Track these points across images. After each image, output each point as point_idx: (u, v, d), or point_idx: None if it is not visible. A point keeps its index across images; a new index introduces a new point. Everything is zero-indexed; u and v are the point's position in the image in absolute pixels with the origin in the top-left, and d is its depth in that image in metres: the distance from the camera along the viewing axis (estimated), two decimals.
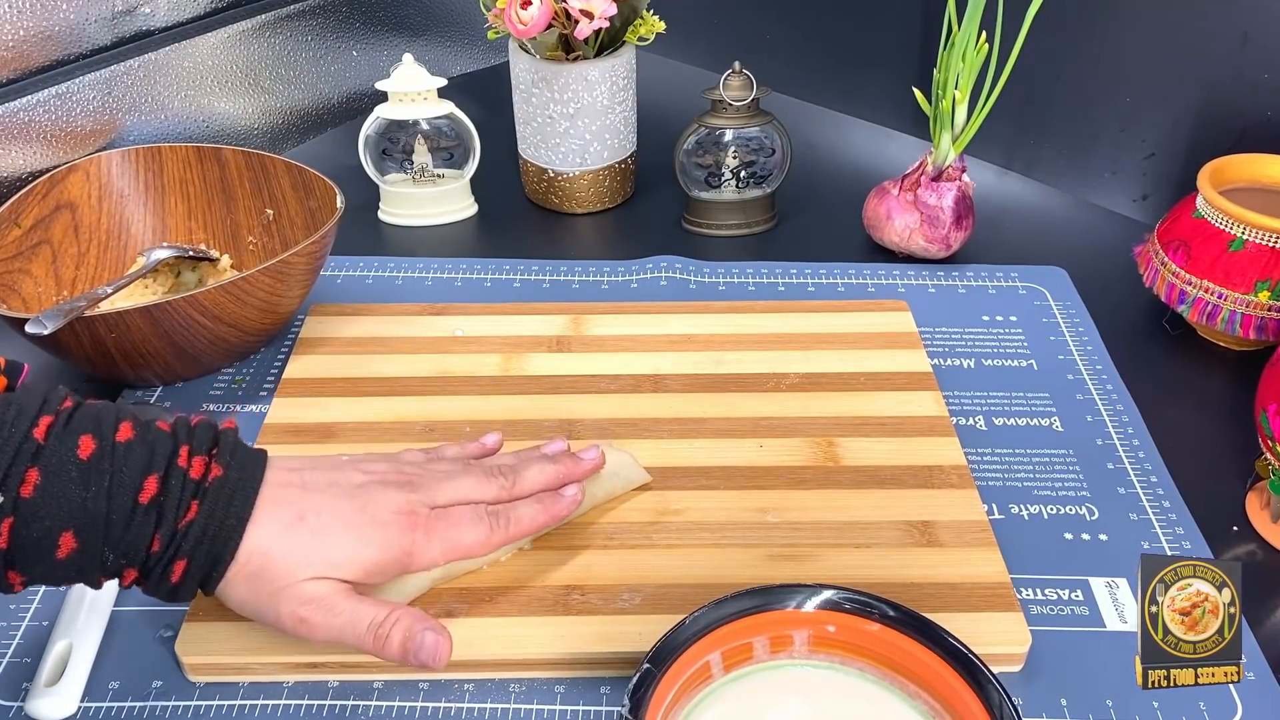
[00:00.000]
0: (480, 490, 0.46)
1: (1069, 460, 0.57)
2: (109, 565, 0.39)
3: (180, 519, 0.39)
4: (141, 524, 0.38)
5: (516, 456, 0.50)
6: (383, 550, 0.42)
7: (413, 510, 0.43)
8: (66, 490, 0.37)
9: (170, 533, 0.39)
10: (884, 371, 0.61)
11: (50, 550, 0.37)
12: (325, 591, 0.41)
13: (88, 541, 0.38)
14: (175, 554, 0.39)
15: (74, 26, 0.71)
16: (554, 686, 0.46)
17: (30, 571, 0.38)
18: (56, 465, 0.37)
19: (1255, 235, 0.59)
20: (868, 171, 0.80)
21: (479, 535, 0.45)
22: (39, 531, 0.37)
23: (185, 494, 0.39)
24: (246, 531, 0.40)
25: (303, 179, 0.68)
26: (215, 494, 0.40)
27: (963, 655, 0.40)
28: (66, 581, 0.39)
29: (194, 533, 0.39)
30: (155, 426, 0.40)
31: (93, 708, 0.44)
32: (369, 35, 0.89)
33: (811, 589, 0.43)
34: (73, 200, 0.67)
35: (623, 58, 0.75)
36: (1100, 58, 0.75)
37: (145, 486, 0.38)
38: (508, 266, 0.72)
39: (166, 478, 0.39)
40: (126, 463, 0.38)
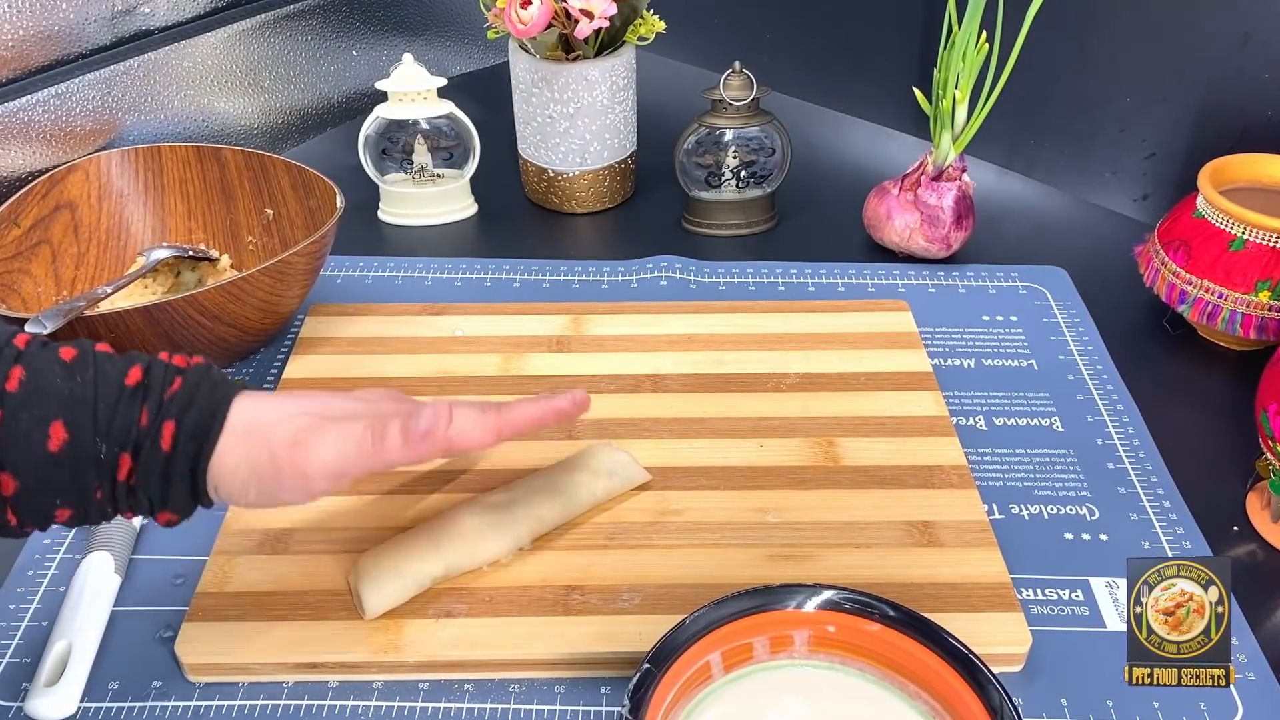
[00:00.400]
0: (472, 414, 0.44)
1: (1069, 460, 0.57)
2: (103, 459, 0.38)
3: (165, 391, 0.39)
4: (129, 405, 0.39)
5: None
6: (368, 408, 0.42)
7: (397, 397, 0.45)
8: (52, 384, 0.38)
9: (157, 403, 0.39)
10: (884, 371, 0.61)
11: (41, 442, 0.37)
12: (314, 420, 0.40)
13: (78, 430, 0.38)
14: (162, 418, 0.39)
15: (73, 26, 0.71)
16: (554, 687, 0.46)
17: (23, 472, 0.37)
18: (40, 364, 0.38)
19: (1255, 235, 0.59)
20: (868, 171, 0.80)
21: (471, 413, 0.43)
22: (27, 422, 0.37)
23: (170, 373, 0.40)
24: (234, 404, 0.40)
25: (302, 179, 0.68)
26: (198, 372, 0.41)
27: (963, 655, 0.40)
28: (63, 494, 0.38)
29: (179, 399, 0.39)
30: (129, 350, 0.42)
31: (92, 708, 0.44)
32: (369, 35, 0.89)
33: (812, 589, 0.43)
34: (72, 200, 0.67)
35: (623, 57, 0.75)
36: (1101, 57, 0.75)
37: (130, 373, 0.39)
38: (508, 266, 0.72)
39: (150, 367, 0.40)
40: (109, 361, 0.40)
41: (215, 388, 0.41)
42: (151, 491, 0.39)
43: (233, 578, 0.48)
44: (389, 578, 0.46)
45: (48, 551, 0.51)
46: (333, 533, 0.51)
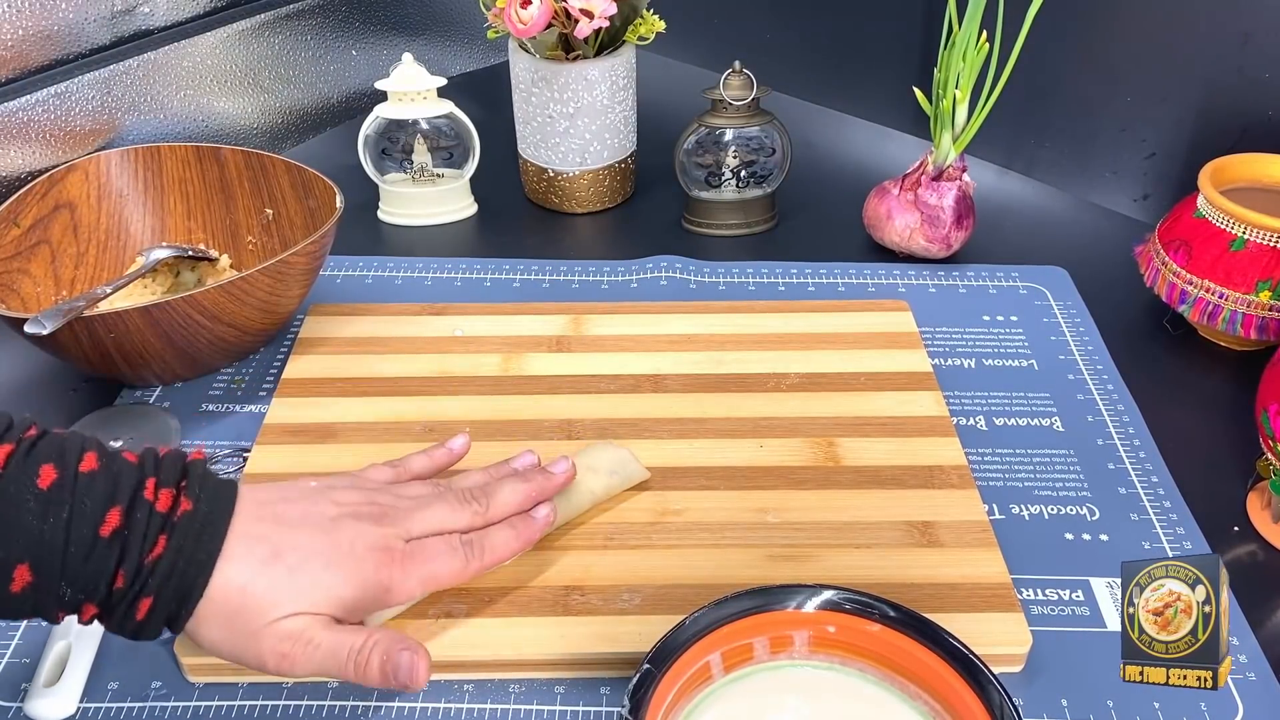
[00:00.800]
0: (453, 519, 0.45)
1: (1070, 460, 0.57)
2: (66, 600, 0.37)
3: (146, 554, 0.38)
4: (102, 558, 0.37)
5: (487, 474, 0.49)
6: (360, 587, 0.41)
7: (388, 546, 0.43)
8: (23, 520, 0.36)
9: (135, 568, 0.37)
10: (884, 371, 0.61)
11: (4, 583, 0.36)
12: (304, 625, 0.40)
13: (43, 575, 0.36)
14: (141, 590, 0.38)
15: (73, 26, 0.71)
16: (554, 687, 0.45)
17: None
18: (14, 494, 0.36)
19: (1256, 235, 0.59)
20: (868, 171, 0.80)
21: (454, 567, 0.44)
22: None
23: (151, 528, 0.38)
24: (218, 568, 0.39)
25: (302, 178, 0.68)
26: (184, 528, 0.38)
27: (963, 656, 0.40)
28: (21, 616, 0.38)
29: (161, 569, 0.38)
30: (121, 457, 0.39)
31: (92, 708, 0.44)
32: (368, 34, 0.89)
33: (812, 589, 0.43)
34: (72, 200, 0.67)
35: (623, 57, 0.74)
36: (1101, 57, 0.75)
37: (107, 519, 0.37)
38: (507, 266, 0.72)
39: (131, 510, 0.38)
40: (89, 494, 0.37)
41: (200, 542, 0.39)
42: (120, 634, 0.39)
43: None
44: None
45: None
46: None
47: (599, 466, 0.52)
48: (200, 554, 0.39)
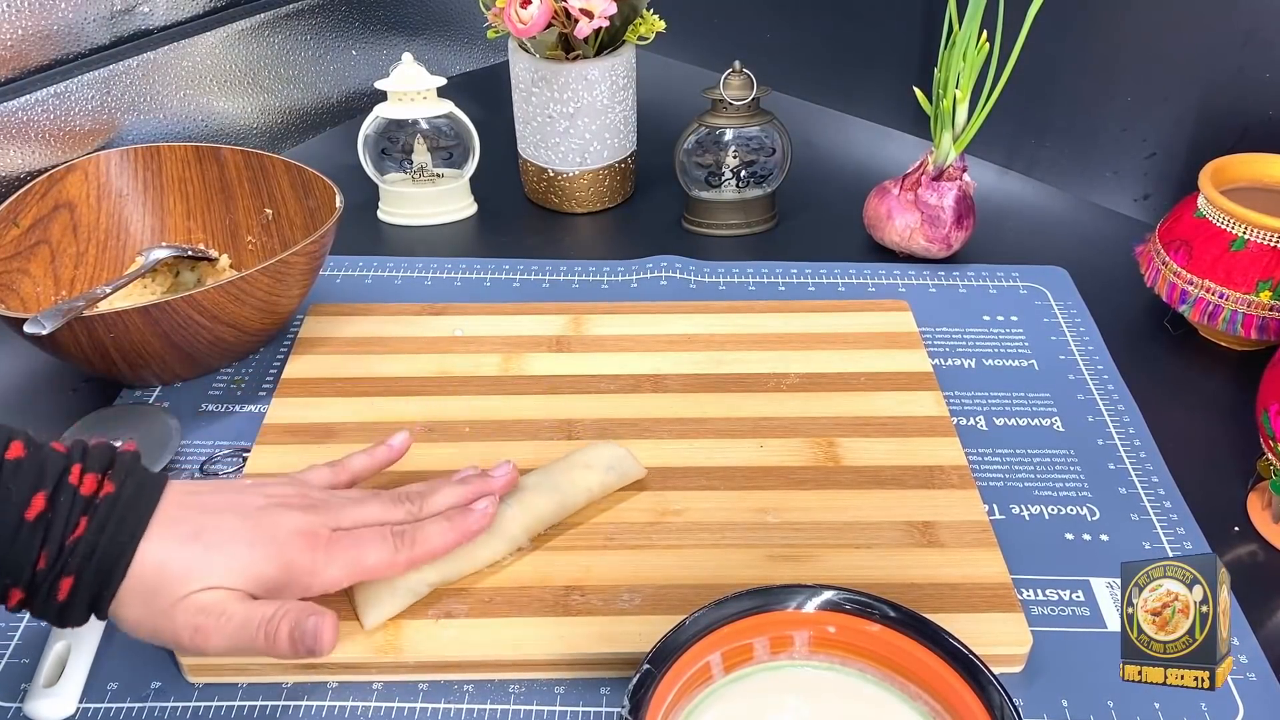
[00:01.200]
0: (385, 514, 0.46)
1: (1070, 460, 0.56)
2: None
3: (68, 535, 0.38)
4: (27, 542, 0.37)
5: (426, 484, 0.49)
6: (280, 566, 0.41)
7: (313, 531, 0.43)
8: None
9: (57, 549, 0.38)
10: (884, 371, 0.61)
11: None
12: (219, 599, 0.40)
13: None
14: (61, 570, 0.38)
15: (72, 26, 0.71)
16: (554, 687, 0.45)
17: None
18: None
19: (1256, 235, 0.59)
20: (868, 171, 0.80)
21: (383, 555, 0.44)
22: None
23: (74, 510, 0.38)
24: (139, 549, 0.39)
25: (302, 178, 0.68)
26: (106, 510, 0.39)
27: (963, 656, 0.40)
28: None
29: (82, 549, 0.38)
30: (49, 447, 0.39)
31: (91, 708, 0.44)
32: (368, 34, 0.89)
33: (812, 589, 0.42)
34: (71, 200, 0.67)
35: (622, 57, 0.74)
36: (1101, 57, 0.75)
37: (33, 503, 0.37)
38: (507, 266, 0.72)
39: (55, 494, 0.38)
40: (15, 479, 0.37)
41: (123, 524, 0.39)
42: (46, 619, 0.39)
43: None
44: (386, 591, 0.46)
45: None
46: None
47: (595, 463, 0.52)
48: (122, 535, 0.39)
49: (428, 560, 0.46)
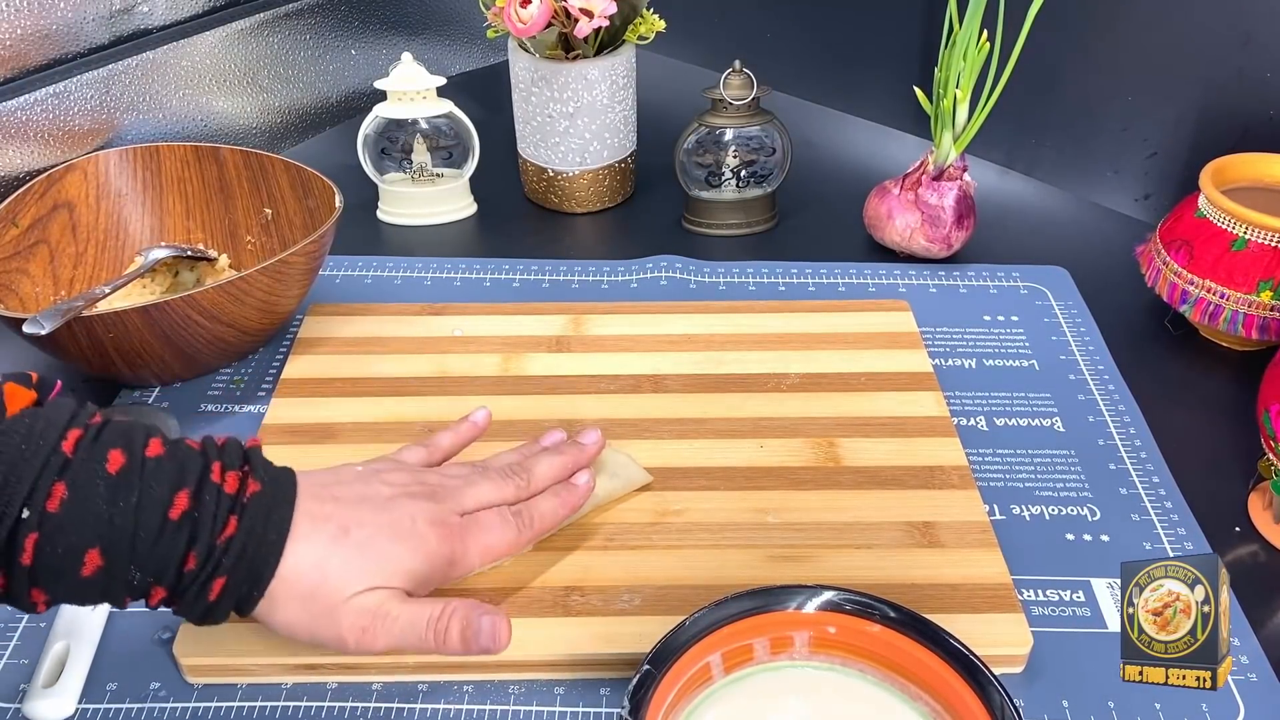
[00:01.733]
0: (500, 492, 0.47)
1: (1070, 461, 0.56)
2: (135, 584, 0.38)
3: (218, 535, 0.38)
4: (172, 541, 0.37)
5: (520, 453, 0.50)
6: (426, 560, 0.42)
7: (445, 520, 0.44)
8: (93, 505, 0.36)
9: (207, 549, 0.38)
10: (885, 371, 0.61)
11: (75, 568, 0.36)
12: (381, 600, 0.41)
13: (113, 559, 0.37)
14: (214, 571, 0.38)
15: (71, 25, 0.71)
16: (554, 688, 0.45)
17: (54, 589, 0.37)
18: (84, 480, 0.36)
19: (1257, 235, 0.59)
20: (868, 171, 0.80)
21: (509, 537, 0.45)
22: (64, 547, 0.36)
23: (221, 509, 0.38)
24: (287, 548, 0.39)
25: (301, 178, 0.68)
26: (254, 509, 0.39)
27: (964, 656, 0.40)
28: (90, 600, 0.38)
29: (234, 549, 0.38)
30: (184, 444, 0.40)
31: (90, 709, 0.44)
32: (368, 34, 0.89)
33: (812, 590, 0.42)
34: (70, 200, 0.67)
35: (622, 56, 0.74)
36: (1102, 57, 0.75)
37: (175, 502, 0.37)
38: (507, 266, 0.72)
39: (199, 493, 0.38)
40: (156, 478, 0.37)
41: (270, 523, 0.39)
42: (185, 616, 0.40)
43: None
44: None
45: None
46: None
47: (599, 469, 0.52)
48: (271, 534, 0.39)
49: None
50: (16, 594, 0.37)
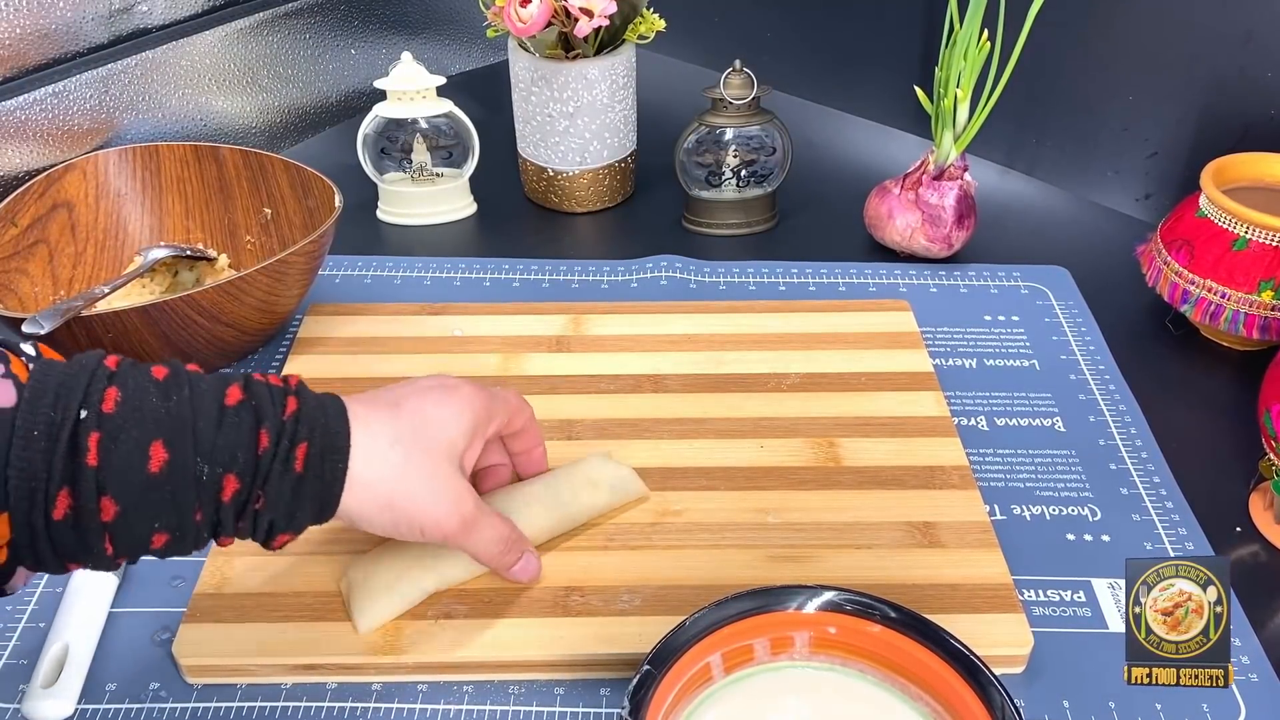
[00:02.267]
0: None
1: (1071, 461, 0.56)
2: (205, 479, 0.36)
3: (281, 412, 0.38)
4: (235, 424, 0.37)
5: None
6: (471, 410, 0.44)
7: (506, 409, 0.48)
8: (148, 402, 0.36)
9: (277, 424, 0.38)
10: (885, 371, 0.61)
11: (141, 464, 0.36)
12: (477, 501, 0.44)
13: (178, 450, 0.36)
14: (293, 440, 0.38)
15: (71, 24, 0.71)
16: (553, 688, 0.45)
17: (123, 494, 0.35)
18: (134, 384, 0.36)
19: (1258, 235, 0.59)
20: (869, 170, 0.80)
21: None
22: (127, 444, 0.35)
23: (275, 394, 0.39)
24: (350, 412, 0.40)
25: (301, 178, 0.68)
26: (305, 392, 0.40)
27: (964, 657, 0.40)
28: (161, 517, 0.36)
29: (305, 417, 0.38)
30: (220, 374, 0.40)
31: (89, 709, 0.44)
32: (367, 33, 0.89)
33: (812, 590, 0.42)
34: (70, 199, 0.67)
35: (622, 56, 0.74)
36: (1103, 56, 0.75)
37: (229, 394, 0.38)
38: (507, 266, 0.72)
39: (248, 386, 0.39)
40: (201, 381, 0.38)
41: (326, 402, 0.40)
42: (277, 514, 0.38)
43: (231, 579, 0.48)
44: (381, 596, 0.46)
45: None
46: (332, 534, 0.50)
47: (599, 481, 0.51)
48: (330, 406, 0.40)
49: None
50: (85, 514, 0.35)
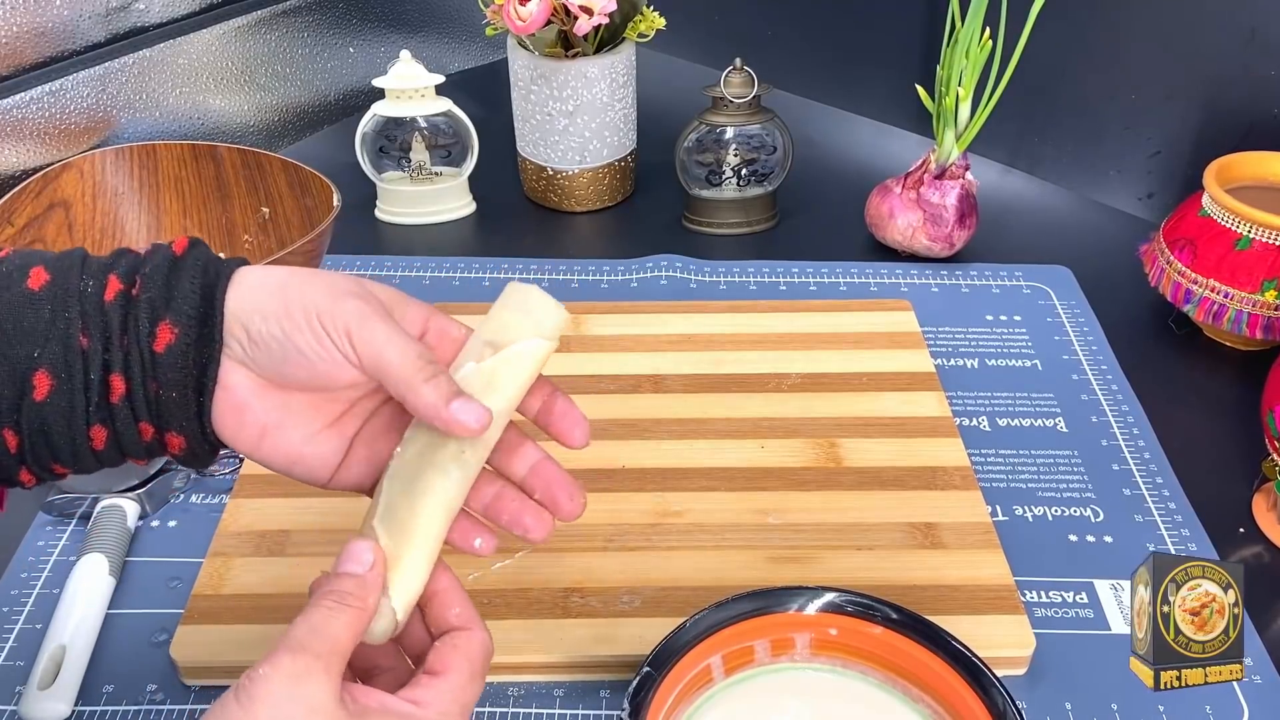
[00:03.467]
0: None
1: (1073, 461, 0.56)
2: (88, 291, 0.33)
3: (150, 255, 0.34)
4: (109, 258, 0.34)
5: None
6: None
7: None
8: (28, 258, 0.34)
9: (148, 251, 0.34)
10: (887, 372, 0.61)
11: (20, 280, 0.33)
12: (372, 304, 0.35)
13: (58, 272, 0.34)
14: (169, 245, 0.34)
15: (68, 23, 0.70)
16: (553, 690, 0.45)
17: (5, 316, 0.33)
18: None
19: (1262, 234, 0.59)
20: (870, 169, 0.80)
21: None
22: (6, 266, 0.34)
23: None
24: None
25: (299, 177, 0.67)
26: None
27: (966, 659, 0.40)
28: (42, 342, 0.33)
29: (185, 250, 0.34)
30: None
31: (86, 711, 0.44)
32: (366, 31, 0.89)
33: (813, 591, 0.42)
34: (66, 199, 0.67)
35: (622, 54, 0.74)
36: (1105, 54, 0.74)
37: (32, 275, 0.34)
38: (506, 265, 0.72)
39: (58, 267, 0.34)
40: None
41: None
42: (154, 293, 0.33)
43: (229, 580, 0.48)
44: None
45: (42, 554, 0.51)
46: (329, 534, 0.50)
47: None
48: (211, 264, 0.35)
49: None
50: None
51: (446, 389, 0.34)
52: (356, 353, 0.34)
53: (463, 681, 0.34)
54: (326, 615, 0.32)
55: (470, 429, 0.33)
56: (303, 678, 0.31)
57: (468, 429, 0.33)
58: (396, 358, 0.34)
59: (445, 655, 0.34)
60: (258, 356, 0.34)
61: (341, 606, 0.33)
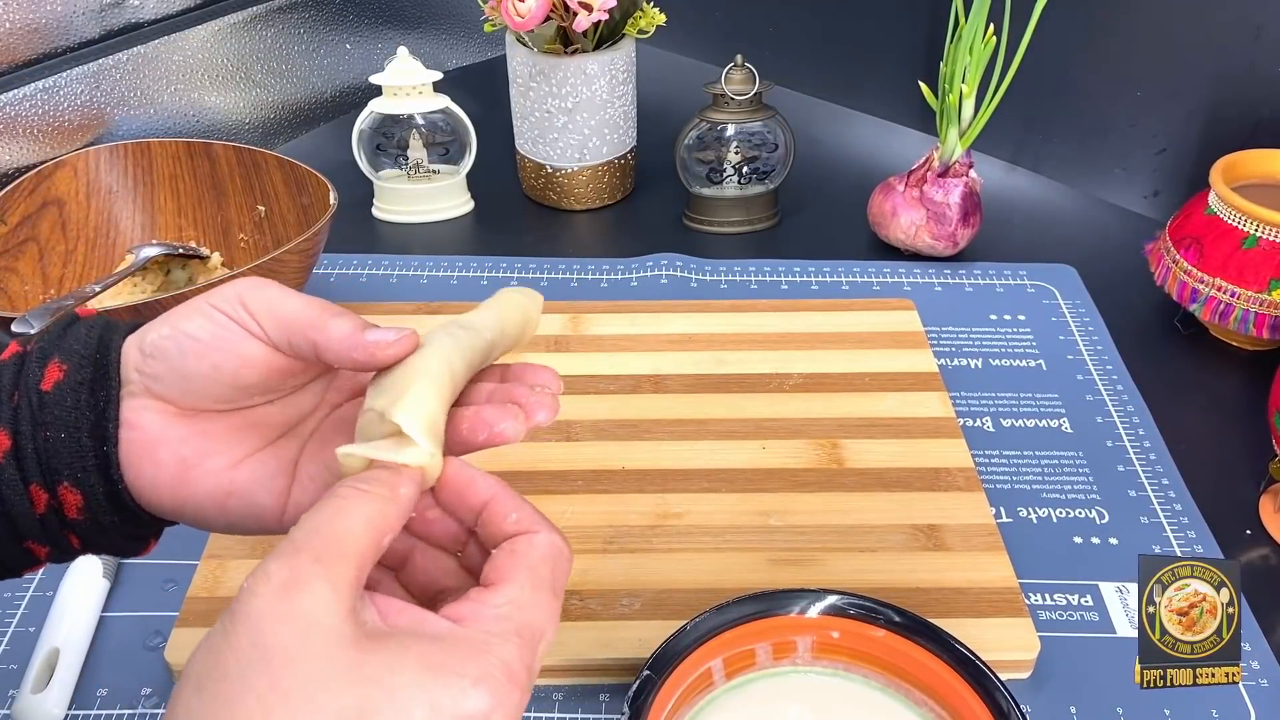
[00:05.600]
0: None
1: (1078, 462, 0.56)
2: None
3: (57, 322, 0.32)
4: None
5: None
6: None
7: None
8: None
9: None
10: (889, 371, 0.60)
11: None
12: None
13: None
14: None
15: (61, 19, 0.70)
16: (552, 694, 0.45)
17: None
18: None
19: (1268, 232, 0.58)
20: (873, 167, 0.80)
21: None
22: None
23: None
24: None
25: (295, 175, 0.67)
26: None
27: (970, 662, 0.40)
28: None
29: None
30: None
31: (80, 714, 0.43)
32: (363, 28, 0.89)
33: (815, 594, 0.42)
34: (60, 197, 0.66)
35: (622, 51, 0.74)
36: (1110, 51, 0.74)
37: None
38: (505, 264, 0.71)
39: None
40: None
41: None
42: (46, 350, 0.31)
43: (224, 582, 0.48)
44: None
45: None
46: None
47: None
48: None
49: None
50: None
51: (359, 320, 0.31)
52: (251, 313, 0.30)
53: (522, 596, 0.27)
54: (337, 508, 0.26)
55: (393, 345, 0.30)
56: (294, 588, 0.24)
57: (390, 346, 0.30)
58: (297, 305, 0.31)
59: (500, 564, 0.28)
60: (155, 369, 0.31)
61: (361, 495, 0.26)
